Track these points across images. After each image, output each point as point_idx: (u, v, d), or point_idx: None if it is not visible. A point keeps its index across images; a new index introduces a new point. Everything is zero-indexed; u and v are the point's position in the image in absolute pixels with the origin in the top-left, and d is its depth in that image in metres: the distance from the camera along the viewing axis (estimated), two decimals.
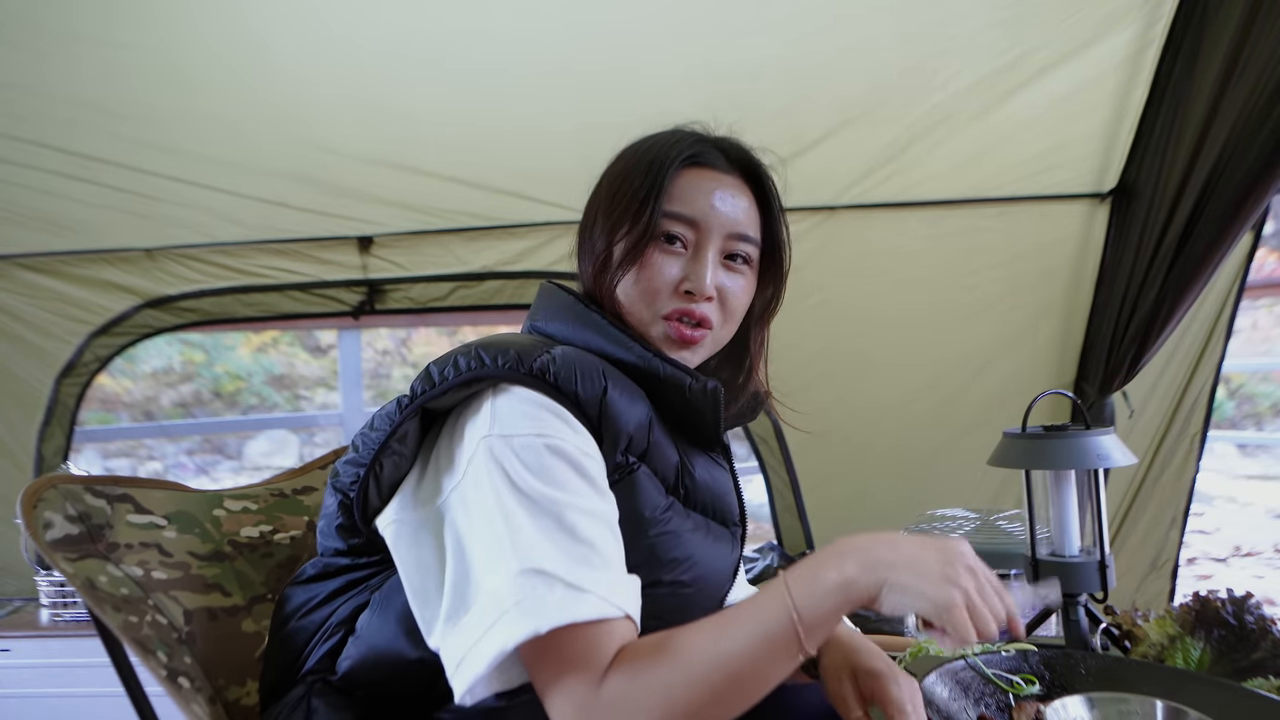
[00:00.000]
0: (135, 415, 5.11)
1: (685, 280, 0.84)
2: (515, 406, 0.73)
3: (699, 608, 0.87)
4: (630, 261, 0.84)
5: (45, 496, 0.91)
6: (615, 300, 0.85)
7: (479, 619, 0.66)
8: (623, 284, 0.85)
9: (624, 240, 0.84)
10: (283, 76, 1.84)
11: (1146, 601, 2.30)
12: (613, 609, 0.67)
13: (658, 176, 0.84)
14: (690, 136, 0.89)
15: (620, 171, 0.88)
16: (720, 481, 0.90)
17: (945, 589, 0.64)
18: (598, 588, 0.67)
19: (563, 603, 0.65)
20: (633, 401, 0.79)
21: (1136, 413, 2.14)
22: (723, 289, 0.86)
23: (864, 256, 2.20)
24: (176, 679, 0.88)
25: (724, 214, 0.85)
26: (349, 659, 0.80)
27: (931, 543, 0.68)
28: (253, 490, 1.15)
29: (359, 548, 0.83)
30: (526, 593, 0.65)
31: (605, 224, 0.86)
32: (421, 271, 2.28)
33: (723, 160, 0.88)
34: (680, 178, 0.85)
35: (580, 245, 0.90)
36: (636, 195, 0.84)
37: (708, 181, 0.86)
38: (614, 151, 0.92)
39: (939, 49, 1.85)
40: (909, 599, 0.65)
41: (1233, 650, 0.89)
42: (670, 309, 0.84)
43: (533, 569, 0.66)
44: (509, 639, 0.64)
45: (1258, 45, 1.62)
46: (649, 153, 0.87)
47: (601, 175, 0.91)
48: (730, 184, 0.87)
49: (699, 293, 0.84)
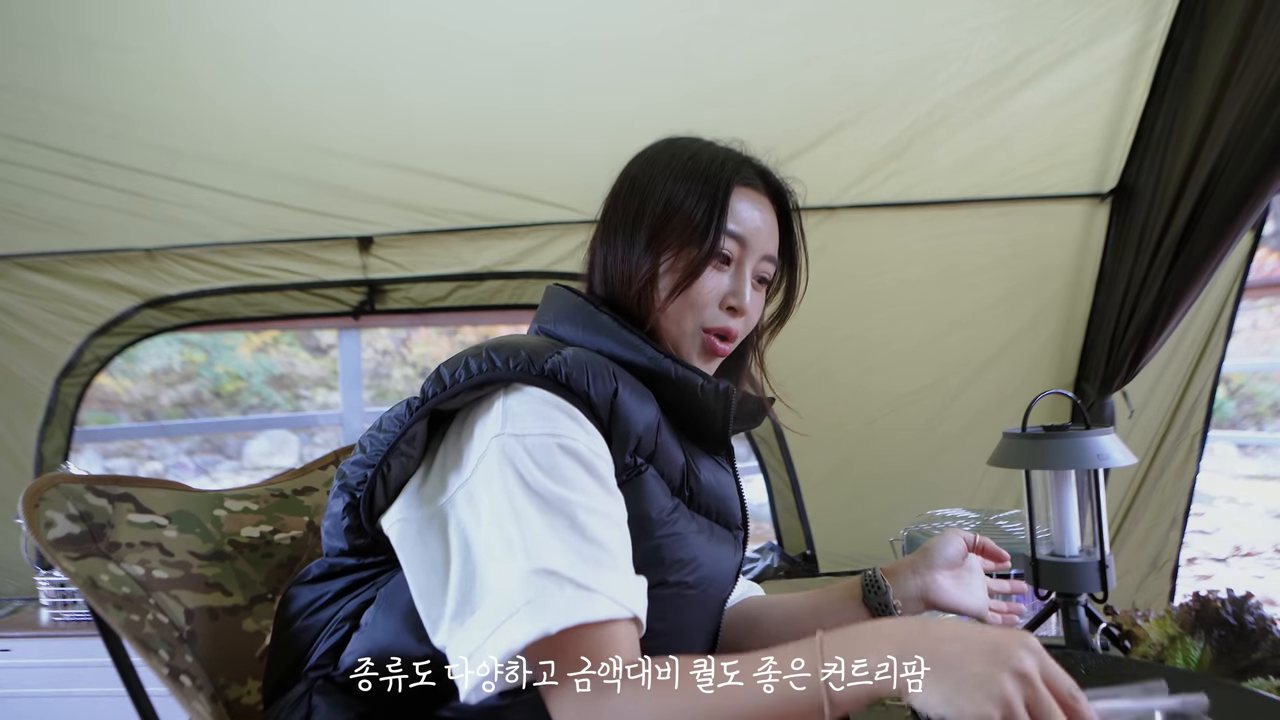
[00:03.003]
0: (135, 415, 5.11)
1: (731, 295, 0.86)
2: (527, 406, 0.73)
3: (703, 609, 0.87)
4: (690, 281, 0.84)
5: (47, 496, 0.91)
6: (652, 310, 0.85)
7: (487, 618, 0.66)
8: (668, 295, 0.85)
9: (679, 259, 0.84)
10: (283, 77, 1.84)
11: (1146, 601, 2.30)
12: (621, 610, 0.67)
13: (719, 197, 0.84)
14: (737, 155, 0.90)
15: (663, 182, 0.86)
16: (724, 485, 0.90)
17: (980, 702, 0.57)
18: (607, 589, 0.67)
19: (572, 603, 0.65)
20: (642, 403, 0.80)
21: (1136, 413, 2.15)
22: (751, 306, 0.88)
23: (864, 256, 2.20)
24: (178, 677, 0.88)
25: (764, 235, 0.88)
26: (352, 654, 0.80)
27: (986, 641, 0.60)
28: (253, 490, 1.15)
29: (365, 548, 0.83)
30: (537, 593, 0.65)
31: (655, 238, 0.85)
32: (421, 271, 2.28)
33: (759, 181, 0.90)
34: (733, 196, 0.86)
35: (603, 249, 0.89)
36: (695, 213, 0.84)
37: (753, 201, 0.88)
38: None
39: (939, 49, 1.85)
40: (937, 703, 0.58)
41: (1233, 650, 0.89)
42: (714, 324, 0.86)
43: (543, 569, 0.66)
44: (518, 638, 0.64)
45: (1258, 45, 1.62)
46: (697, 168, 0.86)
47: (632, 179, 0.89)
48: (766, 205, 0.89)
49: (741, 309, 0.87)
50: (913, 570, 0.99)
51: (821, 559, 2.42)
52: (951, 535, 1.00)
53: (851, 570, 2.32)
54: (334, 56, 1.82)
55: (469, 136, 2.00)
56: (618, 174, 0.92)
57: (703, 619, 0.88)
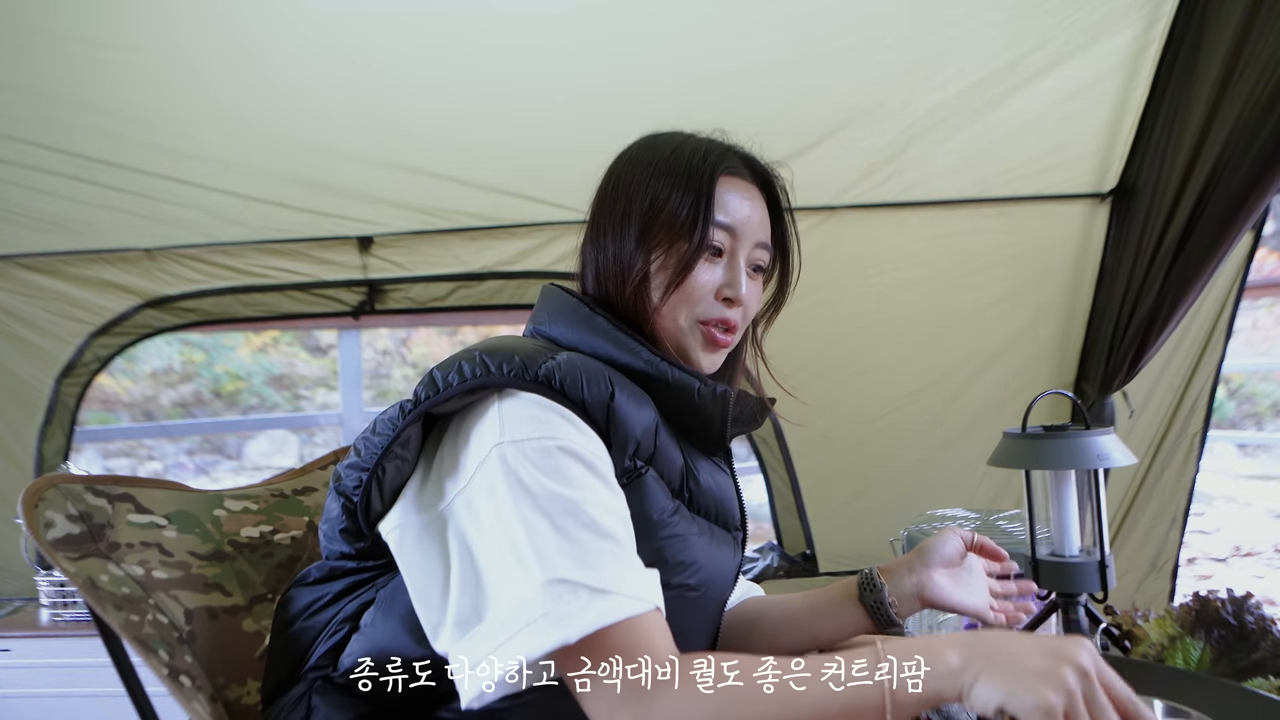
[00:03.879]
0: (135, 415, 5.11)
1: (726, 286, 0.86)
2: (523, 411, 0.73)
3: (703, 612, 0.87)
4: (684, 277, 0.83)
5: (47, 496, 0.91)
6: (646, 308, 0.84)
7: (499, 628, 0.66)
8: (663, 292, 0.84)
9: (670, 255, 0.83)
10: (283, 76, 1.84)
11: (1146, 601, 2.30)
12: (642, 604, 0.67)
13: (704, 190, 0.83)
14: (719, 145, 0.89)
15: (648, 179, 0.85)
16: (723, 486, 0.90)
17: (1043, 691, 0.58)
18: (622, 586, 0.67)
19: (589, 608, 0.65)
20: (639, 406, 0.79)
21: (1136, 413, 2.15)
22: (748, 296, 0.88)
23: (864, 256, 2.20)
24: (178, 677, 0.88)
25: (755, 223, 0.87)
26: (352, 655, 0.80)
27: (1045, 642, 0.62)
28: (253, 490, 1.15)
29: (363, 551, 0.83)
30: (554, 603, 0.65)
31: (644, 235, 0.84)
32: (421, 271, 2.28)
33: (746, 170, 0.89)
34: (718, 187, 0.85)
35: (593, 250, 0.88)
36: (682, 207, 0.83)
37: (740, 190, 0.87)
38: (616, 151, 0.91)
39: (939, 49, 1.85)
40: (999, 696, 0.59)
41: (1233, 650, 0.89)
42: (711, 315, 0.86)
43: (557, 579, 0.65)
44: (535, 648, 0.63)
45: (1258, 45, 1.62)
46: (680, 162, 0.85)
47: (617, 178, 0.89)
48: (754, 194, 0.89)
49: (737, 299, 0.86)
50: (909, 569, 0.98)
51: (821, 559, 2.42)
52: (948, 534, 1.00)
53: (851, 570, 2.32)
54: (334, 58, 1.82)
55: (469, 136, 2.00)
56: (602, 174, 0.91)
57: (703, 621, 0.88)
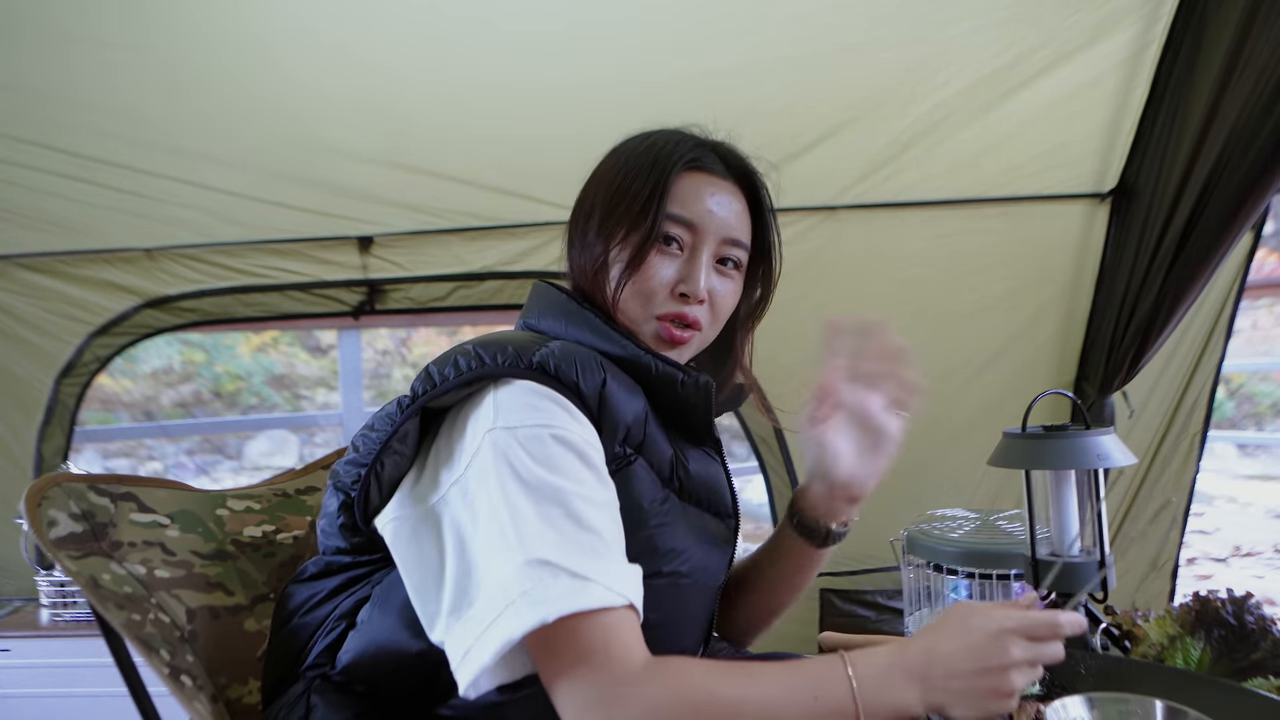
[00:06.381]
0: (135, 415, 5.11)
1: (681, 282, 0.86)
2: (518, 398, 0.74)
3: (697, 599, 0.87)
4: (635, 266, 0.84)
5: (50, 495, 0.91)
6: (609, 299, 0.86)
7: (485, 610, 0.67)
8: (617, 282, 0.85)
9: (625, 243, 0.85)
10: (283, 76, 1.84)
11: (1146, 601, 2.30)
12: (617, 597, 0.67)
13: (660, 180, 0.84)
14: (690, 139, 0.89)
15: (617, 171, 0.87)
16: (713, 474, 0.91)
17: (997, 705, 0.68)
18: (602, 577, 0.67)
19: (568, 592, 0.65)
20: (630, 394, 0.80)
21: (1136, 413, 2.15)
22: (713, 292, 0.87)
23: (864, 256, 2.20)
24: (179, 677, 0.88)
25: (720, 218, 0.87)
26: (349, 652, 0.80)
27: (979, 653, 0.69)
28: (255, 490, 1.15)
29: (360, 546, 0.83)
30: (533, 583, 0.65)
31: (603, 224, 0.86)
32: (421, 271, 2.27)
33: (720, 165, 0.89)
34: (680, 180, 0.86)
35: (572, 241, 0.90)
36: (638, 198, 0.84)
37: (706, 186, 0.87)
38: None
39: (939, 49, 1.85)
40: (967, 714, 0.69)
41: (1233, 650, 0.90)
42: (665, 310, 0.86)
43: (538, 560, 0.66)
44: (515, 629, 0.64)
45: (1258, 45, 1.62)
46: (648, 154, 0.87)
47: (595, 171, 0.91)
48: (726, 189, 0.88)
49: (693, 295, 0.85)
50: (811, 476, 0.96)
51: None
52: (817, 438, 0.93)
53: (851, 570, 2.33)
54: (334, 57, 1.82)
55: (469, 136, 2.00)
56: None
57: (697, 609, 0.89)
